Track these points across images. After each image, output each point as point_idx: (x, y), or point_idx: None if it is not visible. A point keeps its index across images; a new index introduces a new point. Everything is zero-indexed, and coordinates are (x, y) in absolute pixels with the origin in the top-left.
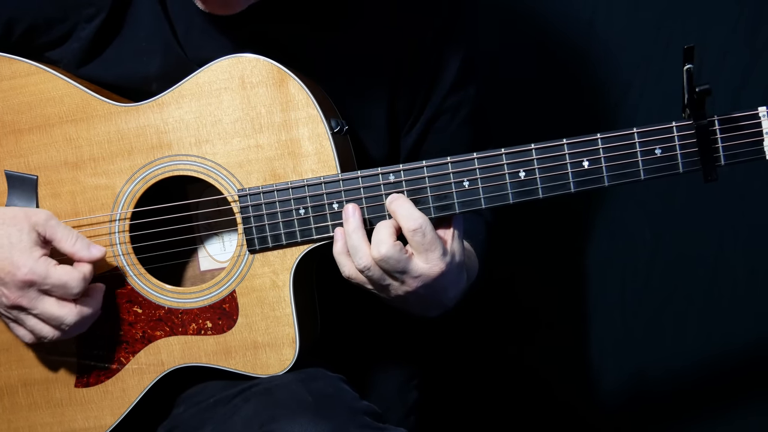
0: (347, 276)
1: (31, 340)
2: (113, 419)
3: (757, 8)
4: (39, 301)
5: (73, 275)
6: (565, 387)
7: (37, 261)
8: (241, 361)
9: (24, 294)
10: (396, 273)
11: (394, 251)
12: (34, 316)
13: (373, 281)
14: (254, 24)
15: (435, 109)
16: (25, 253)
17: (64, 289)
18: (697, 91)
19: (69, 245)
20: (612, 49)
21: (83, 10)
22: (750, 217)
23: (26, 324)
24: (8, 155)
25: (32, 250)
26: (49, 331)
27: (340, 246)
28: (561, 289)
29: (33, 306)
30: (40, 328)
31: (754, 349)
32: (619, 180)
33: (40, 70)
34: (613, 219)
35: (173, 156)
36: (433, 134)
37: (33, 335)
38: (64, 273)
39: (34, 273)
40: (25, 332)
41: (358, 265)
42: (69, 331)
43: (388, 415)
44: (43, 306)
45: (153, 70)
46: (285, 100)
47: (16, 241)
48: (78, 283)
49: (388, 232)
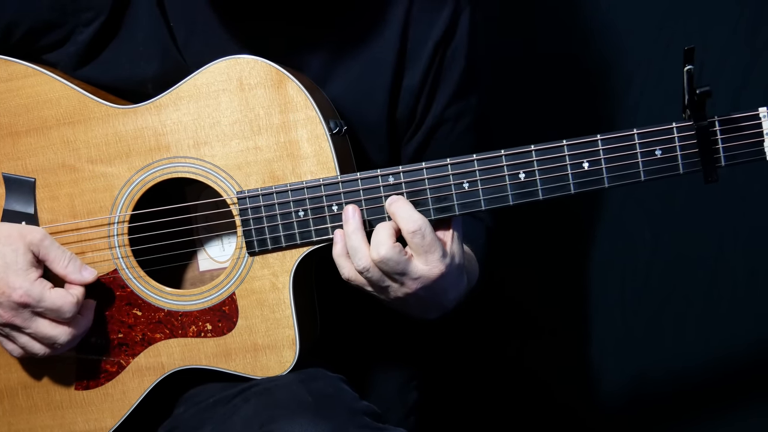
0: (347, 278)
1: (20, 355)
2: (114, 421)
3: (758, 8)
4: (32, 321)
5: (66, 299)
6: (564, 388)
7: (33, 284)
8: (241, 363)
9: (17, 314)
10: (395, 275)
11: (394, 253)
12: (26, 335)
13: (372, 283)
14: (259, 20)
15: (436, 118)
16: (21, 275)
17: (57, 313)
18: (698, 92)
19: (61, 267)
20: (612, 49)
21: (82, 14)
22: (750, 218)
23: (18, 341)
24: (5, 158)
25: (28, 271)
26: (41, 348)
27: (339, 248)
28: (561, 290)
29: (26, 326)
30: (31, 346)
31: (754, 350)
32: (619, 181)
33: (37, 72)
34: (613, 220)
35: (171, 158)
36: (434, 143)
37: (24, 351)
38: (57, 297)
39: (29, 296)
40: (14, 347)
41: (358, 267)
42: (60, 350)
43: (388, 416)
44: (37, 326)
45: (150, 74)
46: (283, 101)
47: (12, 261)
48: (70, 308)
49: (387, 233)
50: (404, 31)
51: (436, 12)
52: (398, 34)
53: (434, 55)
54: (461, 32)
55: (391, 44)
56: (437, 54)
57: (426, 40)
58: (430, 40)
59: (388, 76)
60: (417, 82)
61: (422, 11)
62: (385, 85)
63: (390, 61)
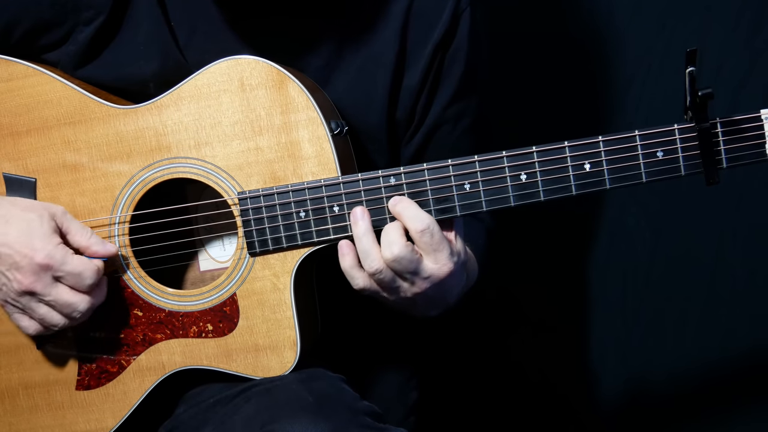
0: (360, 287)
1: (35, 331)
2: (114, 422)
3: (758, 8)
4: (53, 287)
5: (88, 266)
6: (565, 387)
7: (56, 247)
8: (242, 363)
9: (38, 279)
10: (407, 274)
11: (407, 251)
12: (45, 303)
13: (384, 285)
14: (260, 18)
15: (436, 119)
16: (45, 239)
17: (78, 278)
18: (700, 94)
19: (85, 239)
20: (613, 50)
21: (82, 13)
22: (750, 218)
23: (36, 312)
24: (6, 158)
25: (51, 236)
26: (60, 319)
27: (349, 260)
28: (561, 290)
29: (47, 292)
30: (50, 317)
31: (754, 350)
32: (620, 182)
33: (38, 72)
34: (614, 220)
35: (172, 159)
36: (434, 144)
37: (40, 325)
38: (80, 263)
39: (51, 258)
40: (30, 323)
41: (370, 269)
42: (78, 319)
43: (388, 416)
44: (58, 292)
45: (150, 74)
46: (285, 102)
47: (36, 226)
48: (92, 274)
49: (398, 233)
50: (404, 31)
51: (436, 13)
52: (398, 33)
53: (434, 56)
54: (461, 33)
55: (390, 44)
56: (437, 55)
57: (426, 41)
58: (430, 41)
59: (387, 76)
60: (416, 82)
61: (422, 11)
62: (384, 85)
63: (389, 61)
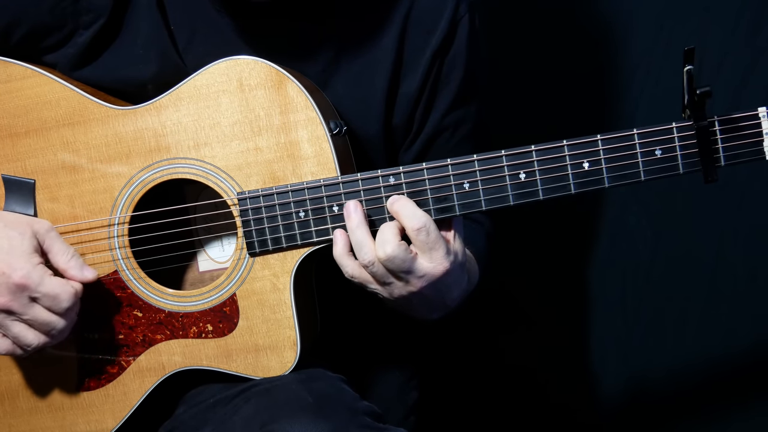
0: (350, 275)
1: (7, 351)
2: (115, 422)
3: (758, 8)
4: (30, 307)
5: (65, 289)
6: (565, 387)
7: (35, 267)
8: (242, 364)
9: (14, 298)
10: (401, 273)
11: (400, 251)
12: (22, 322)
13: (376, 278)
14: (261, 20)
15: (435, 126)
16: (23, 257)
17: (54, 301)
18: (698, 93)
19: (63, 261)
20: (612, 49)
21: (82, 17)
22: (750, 218)
23: (11, 330)
24: (5, 159)
25: (31, 255)
26: (35, 338)
27: (340, 247)
28: (562, 289)
29: (24, 311)
30: (24, 335)
31: (754, 349)
32: (619, 181)
33: (36, 73)
34: (614, 219)
35: (172, 159)
36: (433, 151)
37: (15, 344)
38: (57, 285)
39: (29, 278)
40: (2, 341)
41: (363, 260)
42: (57, 338)
43: (388, 416)
44: (34, 312)
45: (148, 77)
46: (284, 102)
47: (17, 244)
48: (68, 297)
49: (392, 232)
50: (402, 38)
51: (434, 20)
52: (396, 40)
53: (432, 63)
54: (460, 40)
55: (388, 51)
56: (436, 62)
57: (424, 47)
58: (429, 48)
59: (385, 82)
60: (415, 89)
61: (420, 18)
62: (382, 91)
63: (387, 68)
